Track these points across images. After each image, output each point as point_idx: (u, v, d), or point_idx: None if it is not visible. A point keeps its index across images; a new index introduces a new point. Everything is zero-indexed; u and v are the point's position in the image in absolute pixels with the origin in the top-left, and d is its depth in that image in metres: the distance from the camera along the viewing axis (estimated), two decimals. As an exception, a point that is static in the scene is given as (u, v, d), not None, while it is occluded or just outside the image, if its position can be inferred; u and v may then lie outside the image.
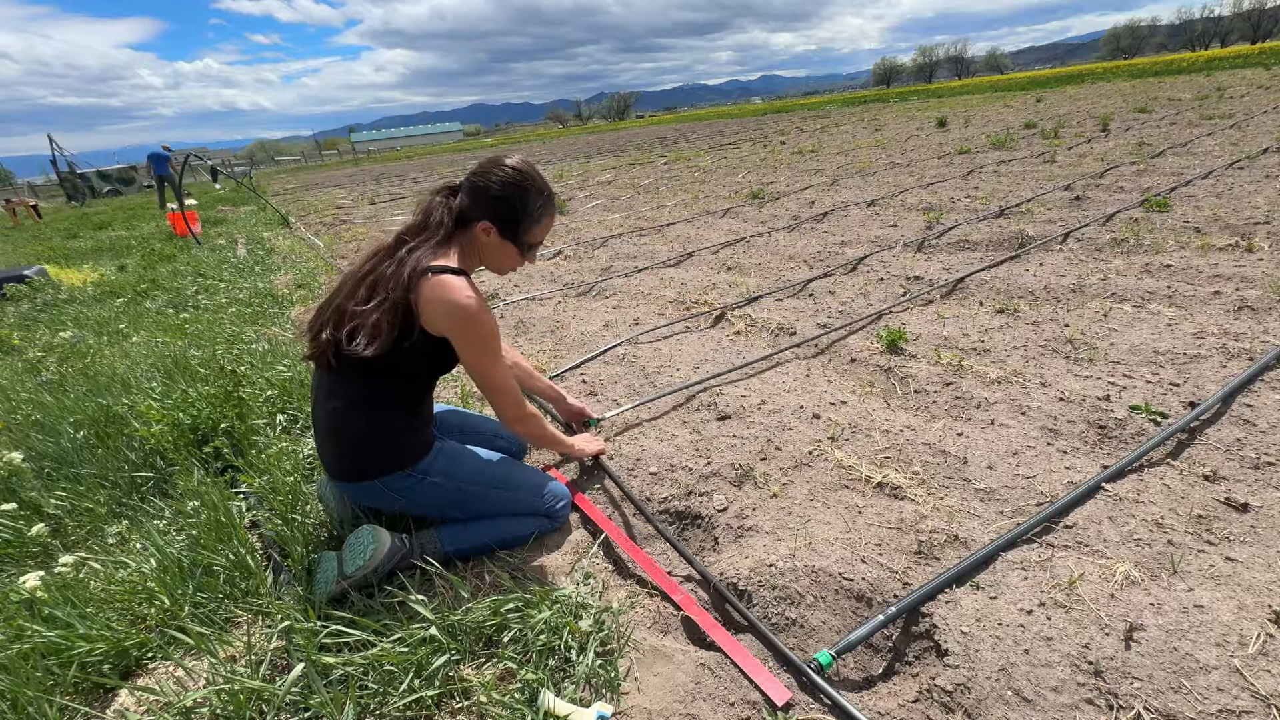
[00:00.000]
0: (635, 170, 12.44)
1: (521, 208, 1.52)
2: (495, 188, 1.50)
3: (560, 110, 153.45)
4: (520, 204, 1.52)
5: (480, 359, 1.51)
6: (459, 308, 1.42)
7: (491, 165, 1.53)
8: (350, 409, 1.52)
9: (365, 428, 1.53)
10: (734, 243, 5.26)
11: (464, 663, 1.30)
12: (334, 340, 1.45)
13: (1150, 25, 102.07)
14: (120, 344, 3.81)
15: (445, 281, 1.43)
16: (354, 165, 36.04)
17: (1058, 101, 18.01)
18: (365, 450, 1.54)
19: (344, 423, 1.53)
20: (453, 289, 1.42)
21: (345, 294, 1.50)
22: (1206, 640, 1.25)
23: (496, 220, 1.52)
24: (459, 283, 1.44)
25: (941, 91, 36.59)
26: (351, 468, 1.56)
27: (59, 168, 24.78)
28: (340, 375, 1.51)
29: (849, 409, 2.35)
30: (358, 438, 1.53)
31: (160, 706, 1.22)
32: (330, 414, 1.54)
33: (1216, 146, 7.30)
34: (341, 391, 1.52)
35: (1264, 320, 2.71)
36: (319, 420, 1.58)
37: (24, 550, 1.82)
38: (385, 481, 1.56)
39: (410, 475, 1.58)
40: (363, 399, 1.51)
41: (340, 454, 1.56)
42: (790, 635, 1.41)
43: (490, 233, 1.53)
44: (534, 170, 1.55)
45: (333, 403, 1.53)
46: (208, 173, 15.85)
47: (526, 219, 1.54)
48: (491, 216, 1.52)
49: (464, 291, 1.43)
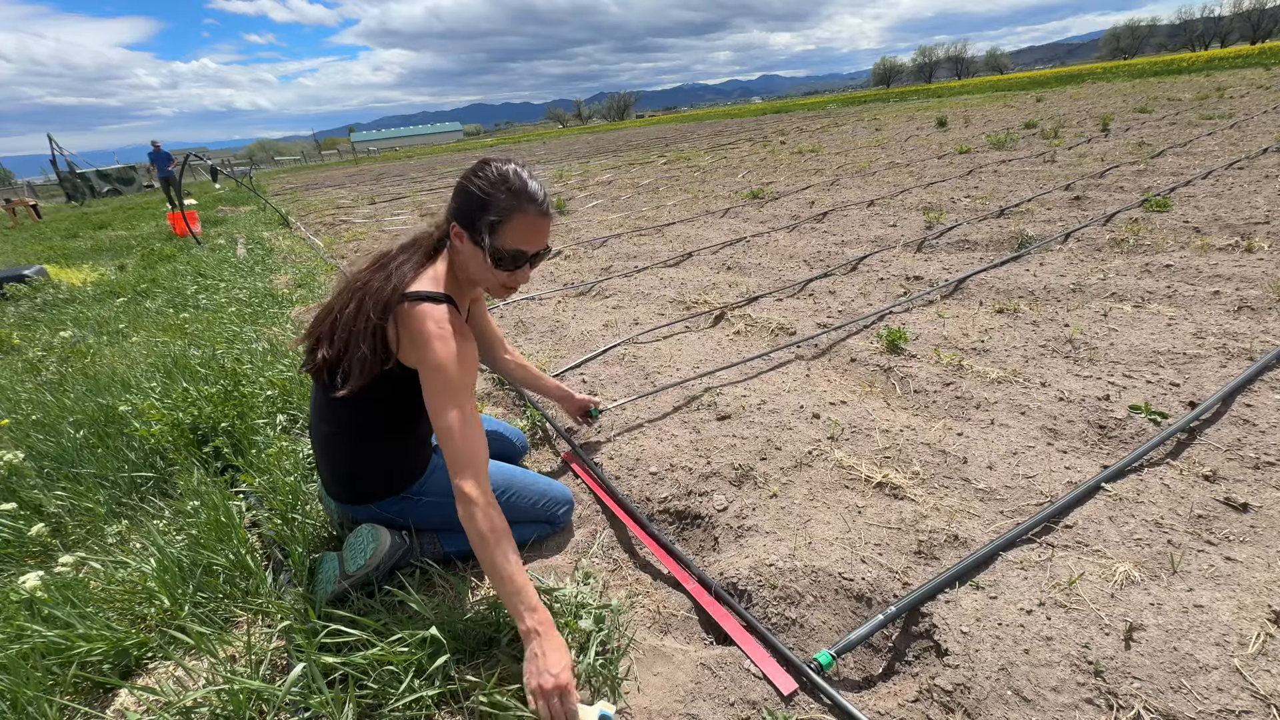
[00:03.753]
0: (635, 170, 12.44)
1: (486, 203, 1.30)
2: (469, 183, 1.33)
3: (560, 110, 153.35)
4: (485, 199, 1.30)
5: (439, 400, 1.28)
6: (422, 336, 1.28)
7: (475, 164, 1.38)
8: (340, 436, 1.48)
9: (356, 458, 1.50)
10: (734, 242, 5.26)
11: (464, 663, 1.30)
12: (328, 361, 1.39)
13: (1150, 25, 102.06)
14: (120, 344, 3.81)
15: (418, 311, 1.29)
16: (354, 165, 36.03)
17: (1058, 101, 18.00)
18: (358, 478, 1.52)
19: (335, 449, 1.51)
20: (420, 318, 1.28)
21: (340, 304, 1.42)
22: (1206, 640, 1.25)
23: (461, 219, 1.34)
24: (431, 311, 1.29)
25: (941, 91, 36.58)
26: (345, 491, 1.55)
27: (59, 167, 24.78)
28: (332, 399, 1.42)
29: (849, 409, 2.35)
30: (348, 467, 1.51)
31: (160, 706, 1.22)
32: (322, 438, 1.52)
33: (1216, 146, 7.30)
34: (332, 416, 1.47)
35: (1264, 320, 2.71)
36: (314, 437, 1.56)
37: (24, 550, 1.82)
38: (381, 505, 1.55)
39: (405, 498, 1.56)
40: (353, 427, 1.46)
41: (335, 477, 1.55)
42: (790, 635, 1.41)
43: (462, 238, 1.35)
44: (512, 168, 1.34)
45: (324, 427, 1.50)
46: (207, 172, 15.86)
47: (488, 216, 1.30)
48: (458, 214, 1.35)
49: (432, 320, 1.28)
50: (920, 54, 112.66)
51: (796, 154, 11.87)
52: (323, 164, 46.05)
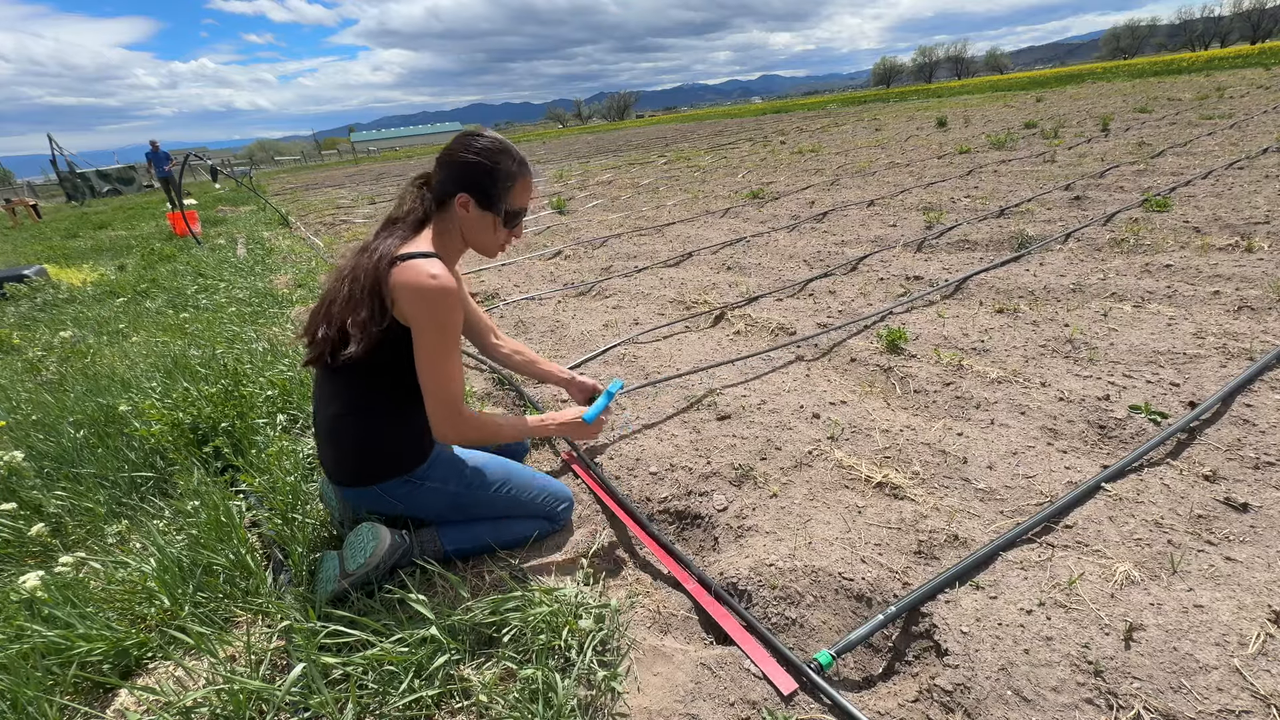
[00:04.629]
0: (635, 170, 12.44)
1: (495, 170, 1.47)
2: (468, 156, 1.47)
3: (560, 110, 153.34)
4: (494, 167, 1.47)
5: (434, 342, 1.41)
6: (420, 287, 1.38)
7: (459, 138, 1.52)
8: (348, 415, 1.52)
9: (364, 434, 1.53)
10: (734, 242, 5.26)
11: (464, 662, 1.30)
12: (329, 340, 1.45)
13: (1150, 25, 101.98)
14: (120, 344, 3.81)
15: (411, 264, 1.40)
16: (354, 165, 36.04)
17: (1058, 101, 18.00)
18: (364, 456, 1.54)
19: (343, 429, 1.53)
20: (416, 269, 1.39)
21: (332, 293, 1.50)
22: (1206, 640, 1.25)
23: (472, 189, 1.48)
24: (425, 263, 1.40)
25: (941, 91, 36.58)
26: (351, 473, 1.57)
27: (59, 167, 24.78)
28: (338, 379, 1.52)
29: (849, 409, 2.35)
30: (356, 444, 1.54)
31: (160, 706, 1.22)
32: (329, 420, 1.54)
33: (1216, 146, 7.30)
34: (340, 396, 1.52)
35: (1264, 320, 2.71)
36: (319, 425, 1.59)
37: (24, 550, 1.82)
38: (385, 487, 1.57)
39: (409, 481, 1.58)
40: (361, 404, 1.51)
41: (340, 459, 1.57)
42: (790, 635, 1.41)
43: (469, 205, 1.49)
44: (500, 137, 1.52)
45: (332, 408, 1.53)
46: (207, 172, 15.86)
47: (502, 182, 1.49)
48: (466, 186, 1.48)
49: (427, 271, 1.39)
50: (920, 54, 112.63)
51: (796, 154, 11.87)
52: (323, 164, 46.05)
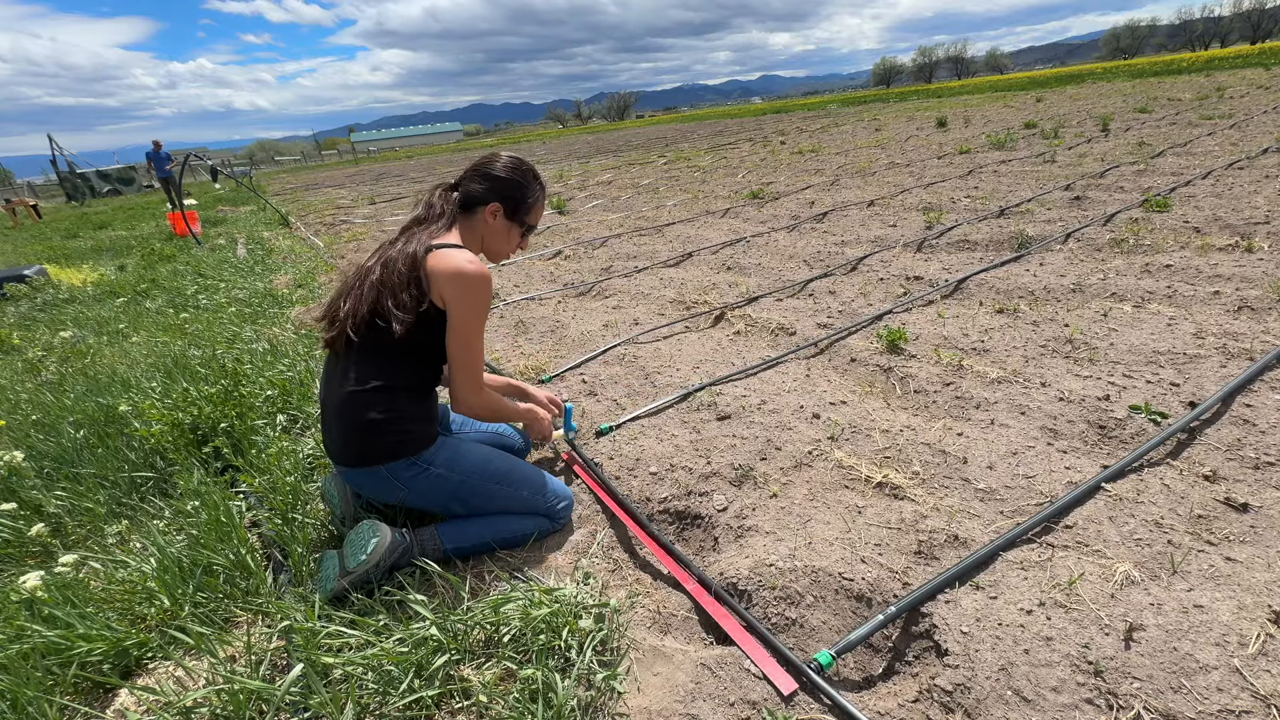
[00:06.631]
0: (635, 170, 12.45)
1: (526, 189, 1.71)
2: (504, 172, 1.70)
3: (560, 110, 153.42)
4: (525, 185, 1.71)
5: (470, 322, 1.58)
6: (463, 272, 1.53)
7: (494, 156, 1.73)
8: (364, 391, 1.55)
9: (377, 410, 1.55)
10: (734, 243, 5.26)
11: (464, 663, 1.30)
12: (357, 317, 1.54)
13: (1150, 25, 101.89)
14: (120, 344, 3.81)
15: (448, 252, 1.56)
16: (354, 165, 36.04)
17: (1058, 101, 18.00)
18: (375, 434, 1.56)
19: (357, 405, 1.55)
20: (459, 256, 1.55)
21: (361, 274, 1.61)
22: (1206, 640, 1.25)
23: (505, 201, 1.69)
24: (461, 253, 1.57)
25: (941, 91, 36.58)
26: (359, 451, 1.58)
27: (59, 167, 24.78)
28: (356, 357, 1.57)
29: (849, 409, 2.35)
30: (369, 420, 1.55)
31: (160, 706, 1.22)
32: (343, 397, 1.56)
33: (1216, 146, 7.30)
34: (356, 374, 1.56)
35: (1264, 320, 2.71)
36: (330, 405, 1.61)
37: (24, 550, 1.82)
38: (391, 469, 1.58)
39: (415, 464, 1.60)
40: (377, 382, 1.56)
41: (348, 437, 1.58)
42: (790, 635, 1.41)
43: (497, 214, 1.69)
44: (527, 160, 1.78)
45: (347, 386, 1.56)
46: (207, 172, 15.86)
47: (529, 200, 1.72)
48: (500, 197, 1.68)
49: (466, 257, 1.56)
50: (920, 54, 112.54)
51: (796, 154, 11.87)
52: (323, 164, 46.07)
